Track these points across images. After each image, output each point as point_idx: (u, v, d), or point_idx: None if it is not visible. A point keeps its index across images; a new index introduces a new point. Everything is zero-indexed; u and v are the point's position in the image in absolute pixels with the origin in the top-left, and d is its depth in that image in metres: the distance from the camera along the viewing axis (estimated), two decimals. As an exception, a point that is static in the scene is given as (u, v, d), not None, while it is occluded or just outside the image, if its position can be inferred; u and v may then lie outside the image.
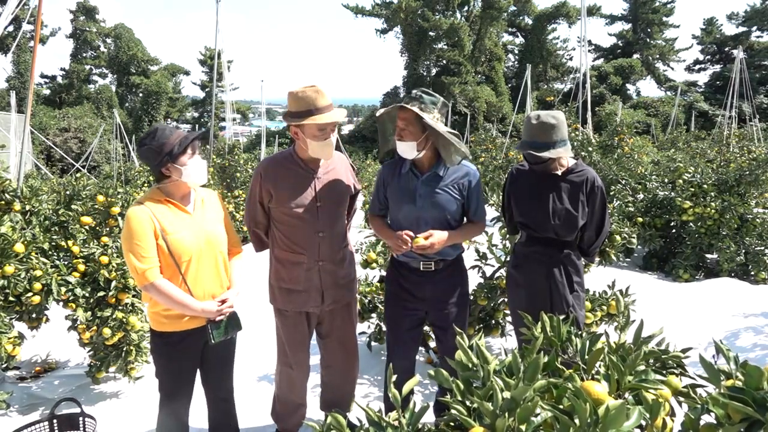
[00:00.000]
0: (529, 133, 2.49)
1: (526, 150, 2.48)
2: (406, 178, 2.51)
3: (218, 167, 11.11)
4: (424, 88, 2.45)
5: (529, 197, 2.60)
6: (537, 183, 2.59)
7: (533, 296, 2.60)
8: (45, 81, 39.24)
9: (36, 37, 5.09)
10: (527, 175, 2.65)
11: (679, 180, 6.79)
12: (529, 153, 2.48)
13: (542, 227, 2.55)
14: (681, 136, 19.57)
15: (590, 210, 2.55)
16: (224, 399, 2.54)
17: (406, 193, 2.49)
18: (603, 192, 2.58)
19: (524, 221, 2.63)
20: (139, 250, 2.13)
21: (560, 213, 2.52)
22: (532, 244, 2.63)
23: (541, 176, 2.59)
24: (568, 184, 2.55)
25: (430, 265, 2.54)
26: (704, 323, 4.58)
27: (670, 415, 1.22)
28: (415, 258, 2.54)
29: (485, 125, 32.54)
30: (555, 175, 2.57)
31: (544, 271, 2.57)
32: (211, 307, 2.25)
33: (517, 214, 2.67)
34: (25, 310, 3.19)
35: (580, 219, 2.52)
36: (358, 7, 36.87)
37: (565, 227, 2.52)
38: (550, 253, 2.57)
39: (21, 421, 3.10)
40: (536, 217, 2.55)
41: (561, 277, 2.56)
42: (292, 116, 2.39)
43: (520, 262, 2.68)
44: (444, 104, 2.44)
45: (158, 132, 2.20)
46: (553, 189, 2.55)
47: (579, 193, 2.53)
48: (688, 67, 43.80)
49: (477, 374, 1.16)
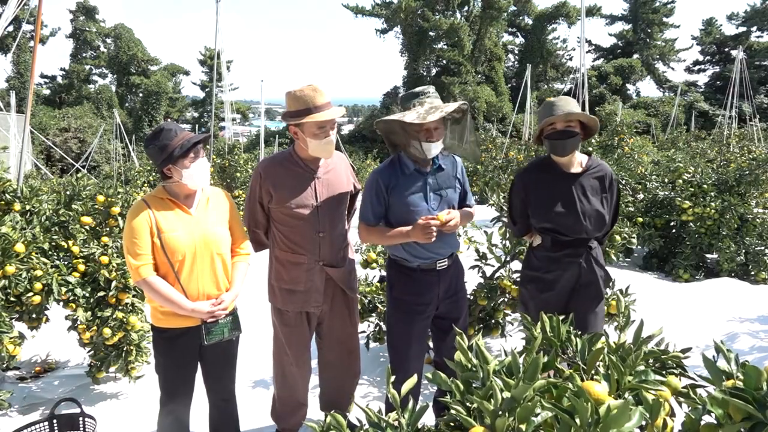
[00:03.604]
0: (548, 109, 2.45)
1: (566, 111, 2.39)
2: (413, 177, 2.47)
3: (218, 167, 11.12)
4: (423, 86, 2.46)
5: (553, 202, 2.49)
6: (558, 185, 2.50)
7: (560, 295, 2.56)
8: (45, 81, 39.23)
9: (36, 37, 5.09)
10: (544, 178, 2.54)
11: (679, 180, 6.79)
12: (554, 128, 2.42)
13: (573, 230, 2.47)
14: (681, 136, 19.60)
15: (609, 203, 2.53)
16: (225, 400, 2.54)
17: (417, 192, 2.47)
18: (618, 184, 2.58)
19: (551, 226, 2.52)
20: (135, 248, 2.16)
21: (590, 213, 2.46)
22: (561, 248, 2.53)
23: (561, 177, 2.50)
24: (590, 181, 2.49)
25: (445, 262, 2.54)
26: (704, 323, 4.58)
27: (670, 415, 1.22)
28: (430, 258, 2.50)
29: (485, 125, 32.56)
30: (574, 173, 2.50)
31: (577, 270, 2.52)
32: (203, 308, 2.24)
33: (539, 220, 2.56)
34: (25, 310, 3.19)
35: (606, 215, 2.50)
36: (358, 7, 36.83)
37: (596, 226, 2.49)
38: (581, 253, 2.52)
39: (21, 421, 3.10)
40: (566, 221, 2.47)
41: (594, 270, 2.54)
42: (291, 116, 2.39)
43: (550, 267, 2.56)
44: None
45: (163, 132, 2.21)
46: (576, 189, 2.48)
47: (602, 188, 2.50)
48: (688, 67, 43.80)
49: (476, 375, 1.16)
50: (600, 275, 2.56)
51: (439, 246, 2.49)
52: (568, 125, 2.43)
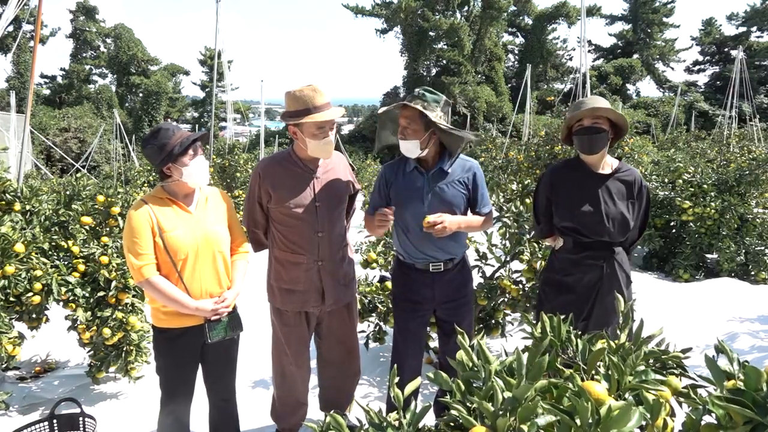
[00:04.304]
0: (578, 105, 2.42)
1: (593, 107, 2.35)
2: (412, 176, 2.50)
3: (218, 167, 11.12)
4: (426, 87, 2.44)
5: (578, 200, 2.45)
6: (585, 185, 2.46)
7: (581, 300, 2.50)
8: (45, 81, 39.22)
9: (36, 37, 5.10)
10: (571, 177, 2.51)
11: (679, 180, 6.79)
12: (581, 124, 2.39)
13: (595, 231, 2.43)
14: (681, 136, 19.57)
15: (637, 210, 2.48)
16: (225, 399, 2.54)
17: (413, 191, 2.48)
18: (648, 191, 2.53)
19: (573, 225, 2.48)
20: (136, 248, 2.16)
21: (615, 216, 2.42)
22: (582, 250, 2.49)
23: (588, 177, 2.47)
24: (617, 184, 2.45)
25: (440, 266, 2.53)
26: (704, 323, 4.58)
27: (671, 415, 1.22)
28: (424, 258, 2.52)
29: (485, 125, 32.56)
30: (603, 174, 2.47)
31: (598, 273, 2.46)
32: (206, 306, 2.25)
33: (562, 218, 2.52)
34: (25, 310, 3.19)
35: (631, 221, 2.44)
36: (358, 7, 36.84)
37: (620, 230, 2.44)
38: (604, 256, 2.46)
39: (21, 421, 3.10)
40: (589, 221, 2.43)
41: (617, 275, 2.46)
42: (290, 116, 2.39)
43: (571, 270, 2.52)
44: (446, 102, 2.44)
45: (161, 132, 2.21)
46: (603, 190, 2.43)
47: (629, 193, 2.45)
48: (688, 68, 43.83)
49: (478, 374, 1.15)
50: (622, 281, 2.49)
51: (432, 249, 2.50)
52: (596, 122, 2.38)
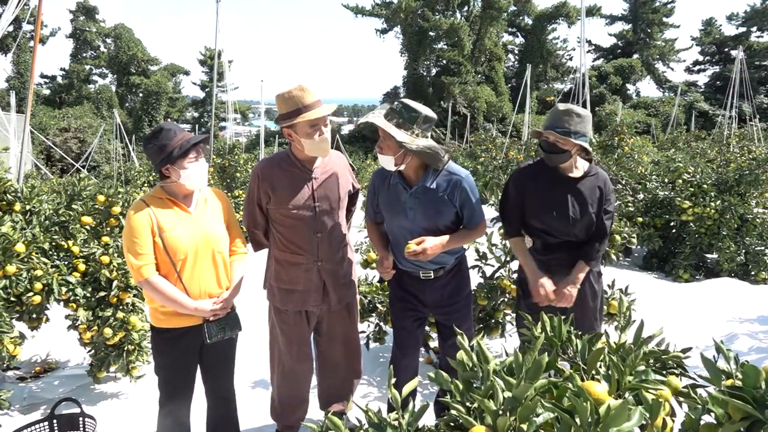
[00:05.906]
0: (554, 117, 2.43)
1: (549, 131, 2.40)
2: (395, 190, 2.47)
3: (218, 167, 11.12)
4: (407, 101, 2.38)
5: (547, 202, 2.51)
6: (553, 187, 2.51)
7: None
8: (45, 81, 39.24)
9: (36, 37, 5.10)
10: (542, 177, 2.55)
11: (679, 180, 6.79)
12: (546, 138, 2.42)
13: (562, 232, 2.50)
14: (681, 136, 19.56)
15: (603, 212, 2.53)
16: (224, 398, 2.54)
17: (396, 205, 2.46)
18: (614, 196, 2.58)
19: (541, 227, 2.55)
20: (136, 248, 2.16)
21: (581, 218, 2.48)
22: (551, 252, 2.56)
23: (558, 179, 2.52)
24: (585, 188, 2.50)
25: (430, 274, 2.53)
26: (704, 323, 4.58)
27: (670, 415, 1.22)
28: (413, 268, 2.53)
29: (485, 125, 32.56)
30: (572, 177, 2.51)
31: (564, 277, 2.51)
32: (205, 306, 2.25)
33: (531, 218, 2.58)
34: (25, 310, 3.19)
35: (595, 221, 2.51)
36: (358, 7, 36.84)
37: (587, 232, 2.51)
38: (572, 256, 2.53)
39: (21, 421, 3.10)
40: (556, 223, 2.50)
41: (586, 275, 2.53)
42: (282, 118, 2.40)
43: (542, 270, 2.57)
44: (427, 118, 2.36)
45: (162, 132, 2.21)
46: (571, 193, 2.49)
47: (595, 196, 2.50)
48: (688, 68, 43.84)
49: (477, 374, 1.16)
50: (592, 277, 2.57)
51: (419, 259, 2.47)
52: (559, 140, 2.41)
